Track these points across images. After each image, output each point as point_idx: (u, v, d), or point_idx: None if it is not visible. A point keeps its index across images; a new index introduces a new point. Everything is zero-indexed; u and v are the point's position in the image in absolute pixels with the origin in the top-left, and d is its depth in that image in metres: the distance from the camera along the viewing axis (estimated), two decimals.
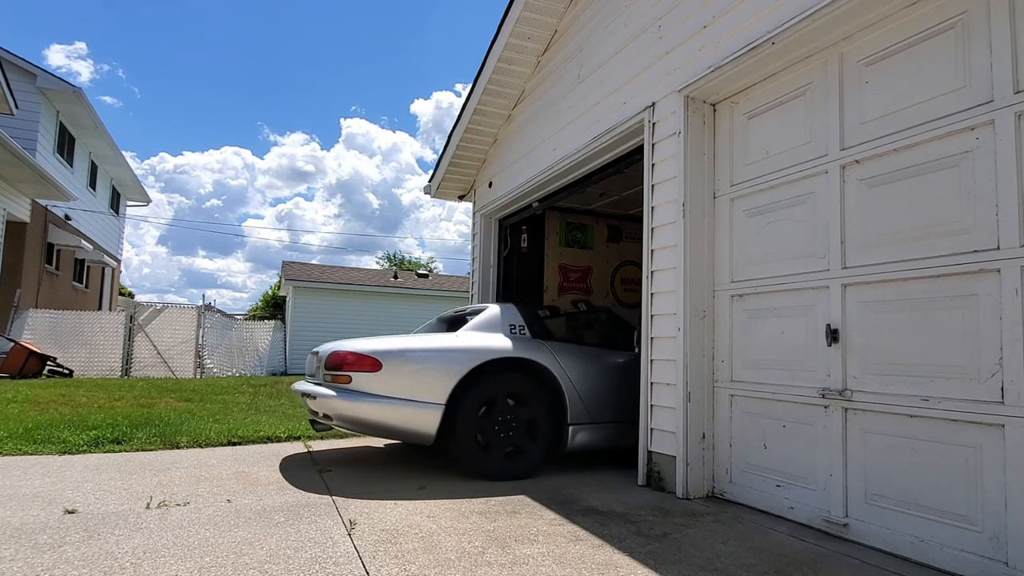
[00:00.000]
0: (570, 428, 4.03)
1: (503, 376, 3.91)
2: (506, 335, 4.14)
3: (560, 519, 2.96)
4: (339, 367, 3.75)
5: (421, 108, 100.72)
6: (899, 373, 2.61)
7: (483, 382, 3.81)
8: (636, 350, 4.28)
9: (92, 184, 16.35)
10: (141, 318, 12.99)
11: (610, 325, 5.06)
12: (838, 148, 2.94)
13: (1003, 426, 2.24)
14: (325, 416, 3.82)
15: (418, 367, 3.79)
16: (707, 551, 2.56)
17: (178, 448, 4.51)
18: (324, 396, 3.72)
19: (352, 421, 3.74)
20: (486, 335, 4.09)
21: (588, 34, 4.86)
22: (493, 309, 4.36)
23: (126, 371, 12.46)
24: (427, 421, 3.69)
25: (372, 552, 2.43)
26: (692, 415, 3.51)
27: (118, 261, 19.86)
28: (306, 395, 3.91)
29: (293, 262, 22.91)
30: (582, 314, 5.38)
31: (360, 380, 3.70)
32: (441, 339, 4.03)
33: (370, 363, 3.70)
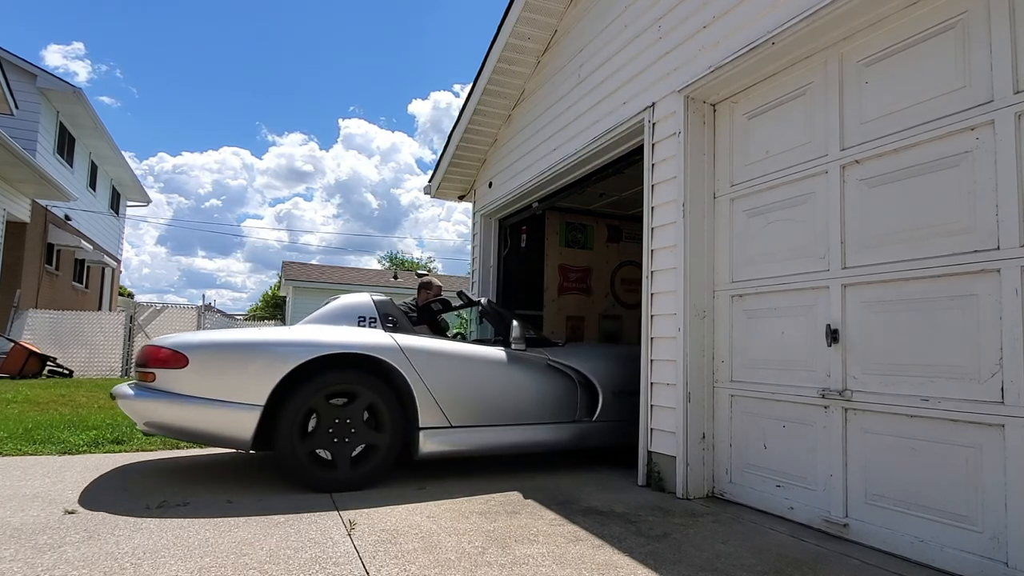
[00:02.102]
0: (421, 433, 3.58)
1: (340, 374, 3.44)
2: (353, 328, 3.76)
3: (560, 519, 2.96)
4: (144, 363, 3.33)
5: (419, 108, 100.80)
6: (899, 373, 2.61)
7: (315, 380, 3.36)
8: (516, 348, 4.07)
9: (92, 184, 16.35)
10: (141, 318, 12.99)
11: (493, 320, 4.54)
12: (838, 148, 2.94)
13: (1003, 426, 2.24)
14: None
15: (231, 363, 3.31)
16: (707, 551, 2.56)
17: (178, 448, 4.51)
18: (123, 396, 3.32)
19: (155, 425, 3.30)
20: (328, 328, 3.68)
21: (588, 34, 4.86)
22: (342, 299, 3.99)
23: (126, 371, 12.46)
24: (240, 425, 3.24)
25: (372, 552, 2.43)
26: (692, 415, 3.51)
27: (118, 261, 19.86)
28: (113, 397, 3.46)
29: (293, 262, 22.90)
30: (458, 308, 4.93)
31: (164, 378, 3.26)
32: (267, 331, 3.58)
33: (175, 358, 3.26)
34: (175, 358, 3.26)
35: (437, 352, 3.76)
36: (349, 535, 2.62)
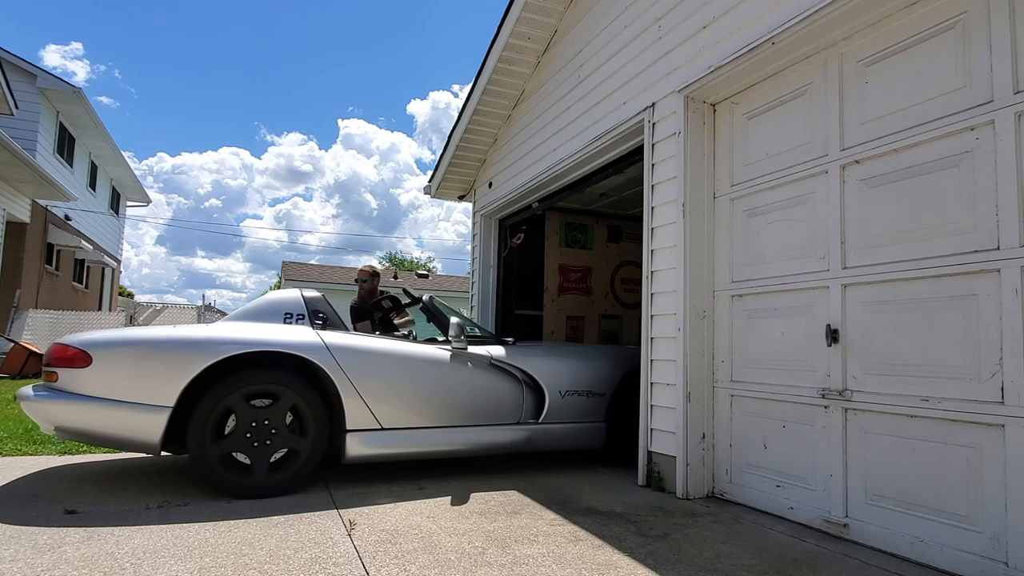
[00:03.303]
0: (348, 435, 3.42)
1: (258, 373, 3.27)
2: (277, 325, 3.58)
3: (560, 519, 2.96)
4: (49, 362, 3.19)
5: (418, 108, 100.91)
6: (899, 373, 2.61)
7: (228, 380, 3.19)
8: (457, 346, 3.86)
9: (92, 184, 16.35)
10: (141, 318, 12.99)
11: (433, 317, 4.34)
12: (838, 148, 2.94)
13: (1003, 426, 2.24)
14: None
15: (138, 362, 3.13)
16: (707, 551, 2.56)
17: None
18: (24, 398, 3.17)
19: (59, 429, 3.15)
20: (247, 325, 3.51)
21: (588, 34, 4.86)
22: (270, 295, 3.85)
23: None
24: (146, 427, 3.07)
25: (372, 552, 2.43)
26: (692, 415, 3.51)
27: (118, 261, 19.86)
28: (16, 399, 3.33)
29: (293, 262, 22.91)
30: (399, 306, 4.80)
31: (67, 377, 3.10)
32: (180, 329, 3.37)
33: (79, 356, 3.09)
34: (79, 356, 3.10)
35: (366, 350, 3.58)
36: (349, 535, 2.62)
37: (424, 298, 4.42)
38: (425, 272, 30.36)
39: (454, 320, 3.95)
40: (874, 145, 2.77)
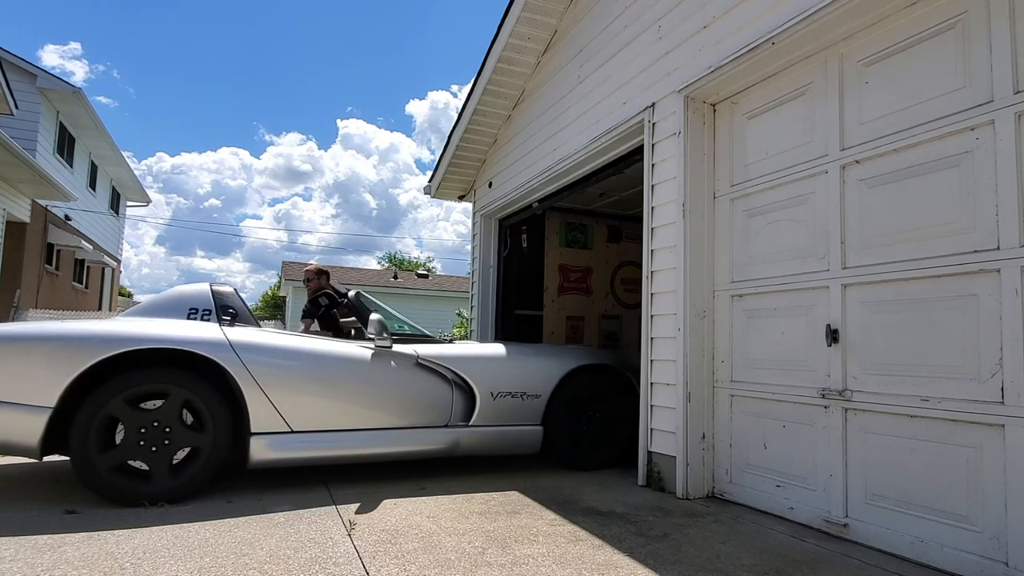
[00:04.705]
0: (253, 439, 3.22)
1: (148, 372, 3.06)
2: (178, 321, 3.38)
3: (560, 519, 2.96)
4: None
5: (417, 108, 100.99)
6: (899, 373, 2.61)
7: (118, 380, 2.99)
8: (380, 345, 3.66)
9: (92, 184, 16.34)
10: None
11: (356, 315, 4.15)
12: (838, 148, 2.94)
13: (1003, 426, 2.24)
14: None
15: (15, 358, 2.92)
16: (707, 551, 2.56)
17: None
18: None
19: None
20: (145, 320, 3.30)
21: (588, 34, 4.86)
22: (176, 289, 3.66)
23: None
24: (24, 429, 2.87)
25: (372, 552, 2.43)
26: (692, 415, 3.51)
27: (118, 261, 19.86)
28: None
29: (293, 262, 22.91)
30: (335, 303, 4.58)
31: None
32: (67, 324, 3.14)
33: None
34: None
35: (275, 348, 3.38)
36: (349, 535, 2.62)
37: (350, 294, 4.25)
38: (425, 272, 30.36)
39: (374, 317, 3.72)
40: (874, 145, 2.77)
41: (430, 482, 3.65)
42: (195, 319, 3.44)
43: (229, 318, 3.50)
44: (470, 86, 6.26)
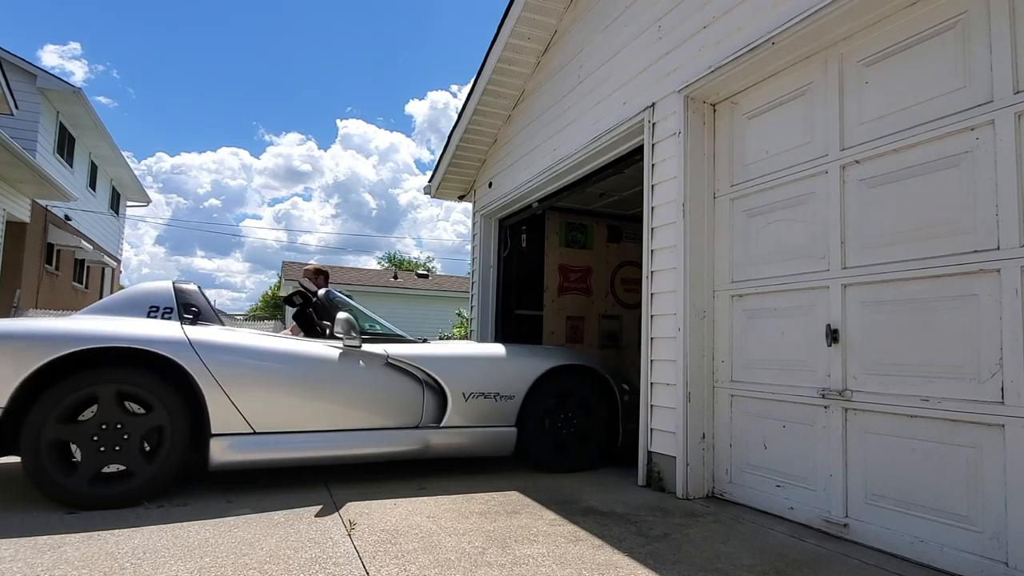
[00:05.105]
0: (213, 440, 3.15)
1: (110, 371, 2.99)
2: (138, 319, 3.30)
3: (560, 519, 2.96)
4: None
5: (417, 108, 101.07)
6: (899, 373, 2.61)
7: (73, 379, 2.93)
8: (349, 344, 3.58)
9: (92, 184, 16.34)
10: None
11: (323, 314, 4.04)
12: (838, 148, 2.94)
13: (1003, 426, 2.24)
14: None
15: None
16: (707, 551, 2.56)
17: None
18: None
19: None
20: (102, 319, 3.23)
21: (588, 34, 4.86)
22: (138, 286, 3.58)
23: None
24: None
25: (372, 552, 2.43)
26: (692, 415, 3.51)
27: (118, 261, 19.86)
28: None
29: (293, 262, 22.92)
30: (308, 302, 4.43)
31: None
32: (21, 321, 3.10)
33: None
34: None
35: (238, 348, 3.31)
36: (349, 535, 2.62)
37: (319, 293, 4.17)
38: (425, 272, 30.36)
39: (341, 316, 3.63)
40: (874, 145, 2.77)
41: (430, 482, 3.65)
42: (156, 317, 3.37)
43: (191, 316, 3.42)
44: (470, 86, 6.26)
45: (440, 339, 7.11)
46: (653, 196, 3.90)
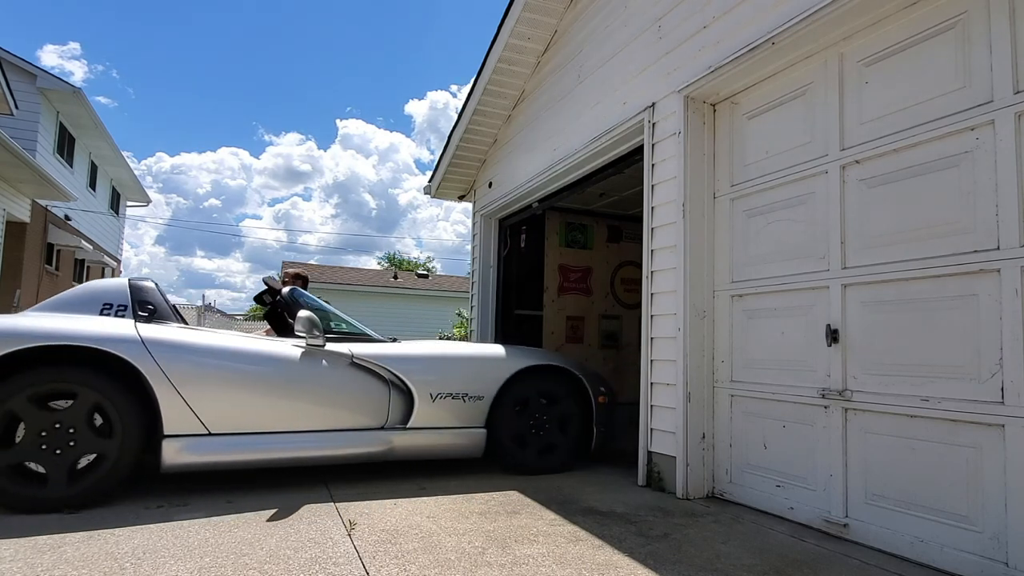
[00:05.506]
0: (165, 441, 3.07)
1: (64, 370, 2.93)
2: (87, 316, 3.21)
3: (560, 519, 2.96)
4: None
5: (416, 108, 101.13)
6: (899, 373, 2.61)
7: (14, 379, 2.85)
8: (312, 343, 3.52)
9: (92, 184, 16.34)
10: None
11: (288, 312, 3.95)
12: (838, 148, 2.94)
13: (1003, 426, 2.25)
14: None
15: None
16: (707, 551, 2.56)
17: None
18: None
19: None
20: (49, 316, 3.15)
21: (588, 34, 4.86)
22: (91, 282, 3.51)
23: None
24: None
25: (372, 552, 2.43)
26: (692, 415, 3.51)
27: (118, 261, 19.86)
28: None
29: (293, 262, 22.91)
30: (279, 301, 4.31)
31: None
32: None
33: None
34: None
35: (193, 347, 3.22)
36: (349, 535, 2.62)
37: (284, 291, 4.10)
38: (425, 272, 30.36)
39: (302, 314, 3.53)
40: (874, 145, 2.77)
41: (430, 482, 3.65)
42: (109, 315, 3.28)
43: (146, 314, 3.34)
44: (470, 86, 6.26)
45: (440, 339, 7.10)
46: (653, 196, 3.90)
